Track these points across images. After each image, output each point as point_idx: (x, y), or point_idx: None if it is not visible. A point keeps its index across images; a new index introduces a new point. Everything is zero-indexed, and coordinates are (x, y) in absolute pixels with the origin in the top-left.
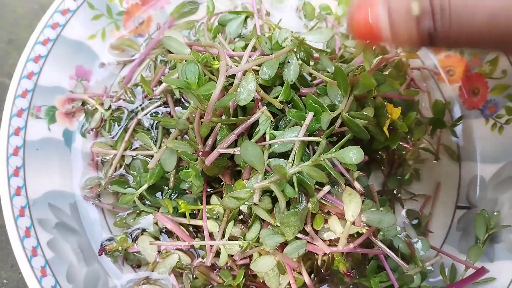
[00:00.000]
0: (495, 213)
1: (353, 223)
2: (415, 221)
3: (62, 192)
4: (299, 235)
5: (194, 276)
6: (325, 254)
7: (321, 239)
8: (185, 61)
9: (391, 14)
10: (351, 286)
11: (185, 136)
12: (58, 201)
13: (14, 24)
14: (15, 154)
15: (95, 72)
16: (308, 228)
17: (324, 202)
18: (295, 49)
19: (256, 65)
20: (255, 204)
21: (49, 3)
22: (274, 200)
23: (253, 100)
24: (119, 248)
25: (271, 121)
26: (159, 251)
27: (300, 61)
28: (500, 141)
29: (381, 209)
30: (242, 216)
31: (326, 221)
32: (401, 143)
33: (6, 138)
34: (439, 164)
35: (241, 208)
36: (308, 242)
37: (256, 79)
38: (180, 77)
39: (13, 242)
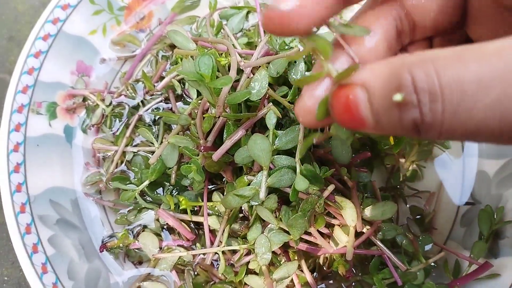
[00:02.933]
0: (499, 209)
1: (355, 227)
2: (418, 218)
3: (63, 188)
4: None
5: (196, 272)
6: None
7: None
8: (191, 56)
9: (371, 99)
10: (353, 284)
11: (187, 131)
12: (59, 197)
13: (15, 21)
14: (15, 150)
15: (96, 68)
16: (311, 229)
17: (328, 202)
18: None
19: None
20: (259, 204)
21: None
22: (280, 200)
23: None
24: (120, 245)
25: (278, 118)
26: (160, 248)
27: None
28: None
29: None
30: (243, 213)
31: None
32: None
33: (6, 134)
34: (443, 160)
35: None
36: (310, 242)
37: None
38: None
39: (14, 238)
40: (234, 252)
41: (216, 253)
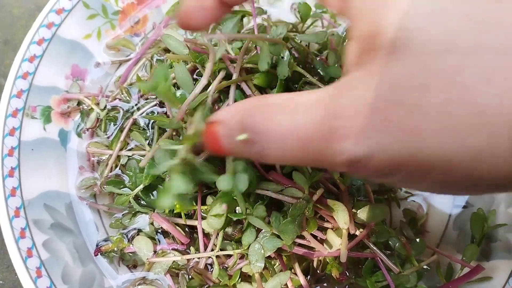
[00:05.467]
0: (492, 212)
1: (348, 230)
2: (411, 221)
3: (58, 192)
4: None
5: (190, 276)
6: None
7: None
8: (183, 61)
9: (227, 134)
10: (347, 286)
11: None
12: (54, 201)
13: (10, 25)
14: (10, 155)
15: (90, 72)
16: (305, 232)
17: (319, 206)
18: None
19: (252, 64)
20: (248, 214)
21: (45, 3)
22: (269, 207)
23: None
24: (115, 249)
25: None
26: (155, 252)
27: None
28: None
29: None
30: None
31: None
32: None
33: (1, 139)
34: None
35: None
36: (303, 245)
37: (251, 80)
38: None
39: (8, 243)
40: (228, 255)
41: (210, 257)
